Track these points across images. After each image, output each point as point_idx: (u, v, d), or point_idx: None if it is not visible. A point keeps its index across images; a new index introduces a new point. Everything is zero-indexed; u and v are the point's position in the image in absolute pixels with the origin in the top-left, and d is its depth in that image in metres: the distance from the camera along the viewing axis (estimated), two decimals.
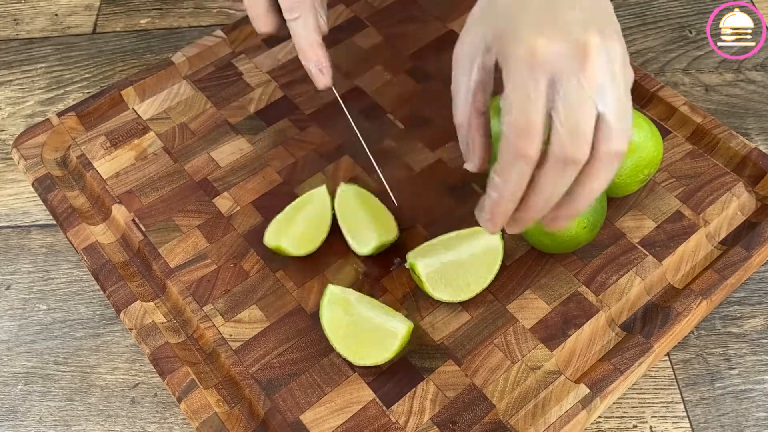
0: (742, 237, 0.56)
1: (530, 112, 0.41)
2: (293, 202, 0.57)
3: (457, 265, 0.53)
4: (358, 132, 0.58)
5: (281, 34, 0.57)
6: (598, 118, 0.41)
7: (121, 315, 0.53)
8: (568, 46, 0.41)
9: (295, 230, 0.56)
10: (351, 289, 0.52)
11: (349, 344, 0.50)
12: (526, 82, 0.41)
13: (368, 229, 0.55)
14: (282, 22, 0.56)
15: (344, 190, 0.57)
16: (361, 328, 0.51)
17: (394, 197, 0.57)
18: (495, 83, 0.45)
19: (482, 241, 0.53)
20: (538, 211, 0.44)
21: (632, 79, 0.43)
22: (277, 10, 0.56)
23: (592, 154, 0.42)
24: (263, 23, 0.56)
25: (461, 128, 0.47)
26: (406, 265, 0.53)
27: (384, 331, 0.50)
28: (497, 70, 0.44)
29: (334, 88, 0.57)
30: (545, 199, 0.43)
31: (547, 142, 0.42)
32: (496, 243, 0.53)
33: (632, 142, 0.53)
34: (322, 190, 0.58)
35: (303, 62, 0.55)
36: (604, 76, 0.42)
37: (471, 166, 0.48)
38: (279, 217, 0.57)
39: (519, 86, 0.41)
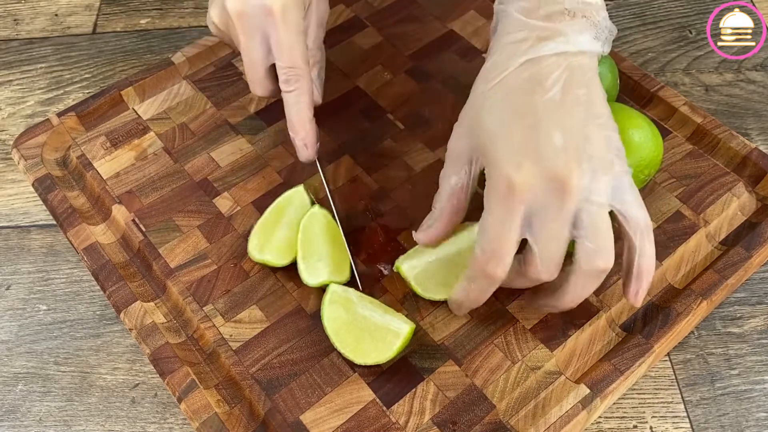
0: (742, 237, 0.56)
1: (503, 240, 0.44)
2: (271, 207, 0.57)
3: (446, 263, 0.53)
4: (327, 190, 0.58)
5: (276, 98, 0.57)
6: (578, 238, 0.44)
7: (121, 315, 0.53)
8: (547, 181, 0.43)
9: (278, 239, 0.55)
10: (352, 289, 0.52)
11: (349, 343, 0.50)
12: (503, 212, 0.44)
13: (322, 262, 0.54)
14: (278, 88, 0.55)
15: (314, 213, 0.56)
16: (362, 326, 0.51)
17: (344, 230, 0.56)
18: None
19: (468, 236, 0.53)
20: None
21: (613, 175, 0.45)
22: (275, 76, 0.55)
23: (574, 269, 0.45)
24: (259, 87, 0.55)
25: (434, 212, 0.50)
26: (394, 269, 0.54)
27: (385, 330, 0.50)
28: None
29: (318, 162, 0.57)
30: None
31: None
32: None
33: (632, 143, 0.53)
34: (299, 191, 0.57)
35: (290, 134, 0.55)
36: (582, 206, 0.43)
37: (420, 236, 0.51)
38: (259, 225, 0.56)
39: (496, 214, 0.44)
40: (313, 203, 0.57)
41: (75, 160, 0.62)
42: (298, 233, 0.55)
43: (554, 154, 0.43)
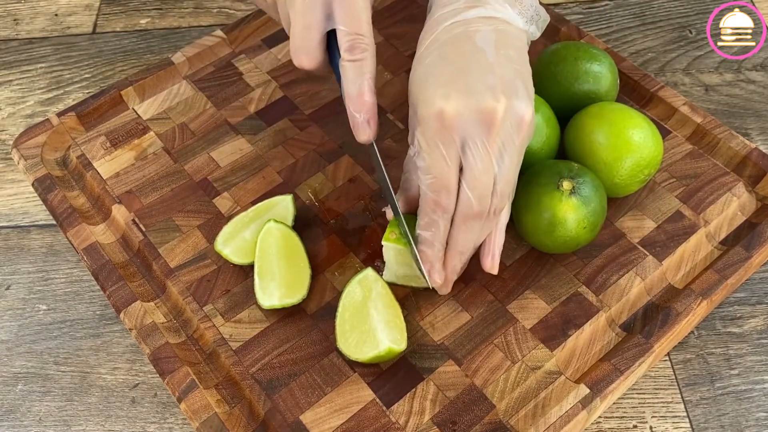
0: (742, 237, 0.56)
1: (446, 173, 0.46)
2: (255, 206, 0.57)
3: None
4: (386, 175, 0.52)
5: (320, 74, 0.52)
6: (494, 179, 0.46)
7: (121, 315, 0.53)
8: (476, 112, 0.45)
9: (243, 239, 0.55)
10: (384, 282, 0.53)
11: (344, 325, 0.51)
12: (440, 145, 0.45)
13: (274, 282, 0.53)
14: (326, 60, 0.50)
15: (270, 228, 0.54)
16: (361, 319, 0.51)
17: None
18: None
19: None
20: (460, 259, 0.50)
21: (531, 136, 0.48)
22: (324, 46, 0.50)
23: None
24: (308, 57, 0.49)
25: (402, 182, 0.53)
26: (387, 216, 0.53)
27: (372, 336, 0.50)
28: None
29: (375, 144, 0.51)
30: (462, 248, 0.49)
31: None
32: None
33: (632, 142, 0.53)
34: (286, 199, 0.57)
35: (349, 109, 0.49)
36: (506, 143, 0.46)
37: (387, 211, 0.53)
38: (235, 219, 0.56)
39: (433, 150, 0.46)
40: (295, 216, 0.56)
41: (75, 160, 0.62)
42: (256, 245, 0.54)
43: (483, 89, 0.45)
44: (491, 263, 0.50)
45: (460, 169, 0.46)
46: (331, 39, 0.49)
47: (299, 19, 0.48)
